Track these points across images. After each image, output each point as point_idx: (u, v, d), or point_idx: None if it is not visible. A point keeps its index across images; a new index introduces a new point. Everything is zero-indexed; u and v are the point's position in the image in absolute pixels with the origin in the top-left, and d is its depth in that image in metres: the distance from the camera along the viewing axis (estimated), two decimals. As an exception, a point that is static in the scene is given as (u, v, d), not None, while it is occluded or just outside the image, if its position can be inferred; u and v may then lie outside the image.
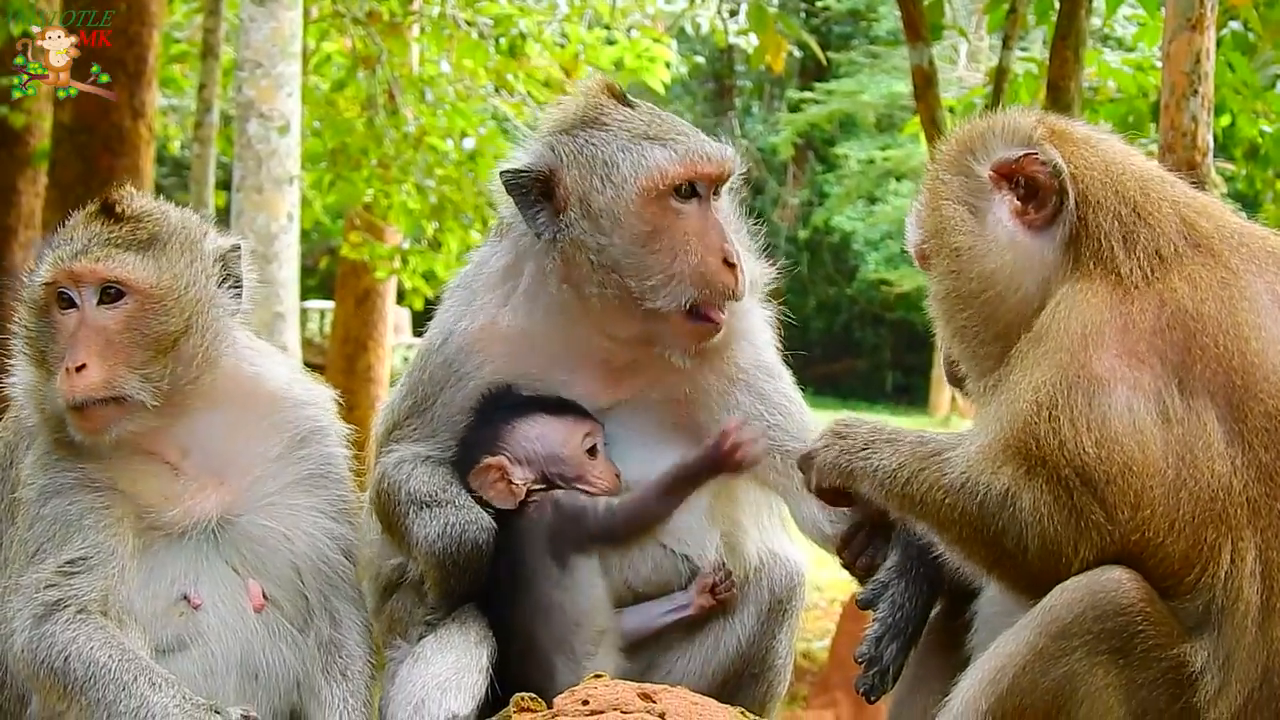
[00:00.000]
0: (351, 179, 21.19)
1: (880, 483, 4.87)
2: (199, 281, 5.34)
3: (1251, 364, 4.55)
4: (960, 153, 5.08)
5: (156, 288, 5.26)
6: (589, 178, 5.47)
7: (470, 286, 5.78)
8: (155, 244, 5.33)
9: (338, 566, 5.58)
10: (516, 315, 5.66)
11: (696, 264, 5.43)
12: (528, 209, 5.53)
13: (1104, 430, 4.47)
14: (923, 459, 4.77)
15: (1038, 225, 4.88)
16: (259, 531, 5.47)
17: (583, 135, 5.55)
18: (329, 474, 5.62)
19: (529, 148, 5.65)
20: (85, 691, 5.00)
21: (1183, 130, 8.46)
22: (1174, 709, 4.45)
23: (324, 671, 5.47)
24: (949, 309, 5.03)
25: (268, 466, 5.50)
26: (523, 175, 5.53)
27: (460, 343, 5.69)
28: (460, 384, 5.67)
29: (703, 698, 4.80)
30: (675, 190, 5.47)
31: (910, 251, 5.35)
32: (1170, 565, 4.47)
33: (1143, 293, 4.67)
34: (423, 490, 5.55)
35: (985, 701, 4.51)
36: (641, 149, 5.48)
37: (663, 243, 5.44)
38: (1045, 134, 4.96)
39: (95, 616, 5.13)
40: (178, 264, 5.32)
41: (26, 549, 5.28)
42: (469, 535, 5.45)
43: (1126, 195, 4.85)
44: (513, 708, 4.80)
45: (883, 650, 5.12)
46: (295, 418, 5.57)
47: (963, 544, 4.67)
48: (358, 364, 24.80)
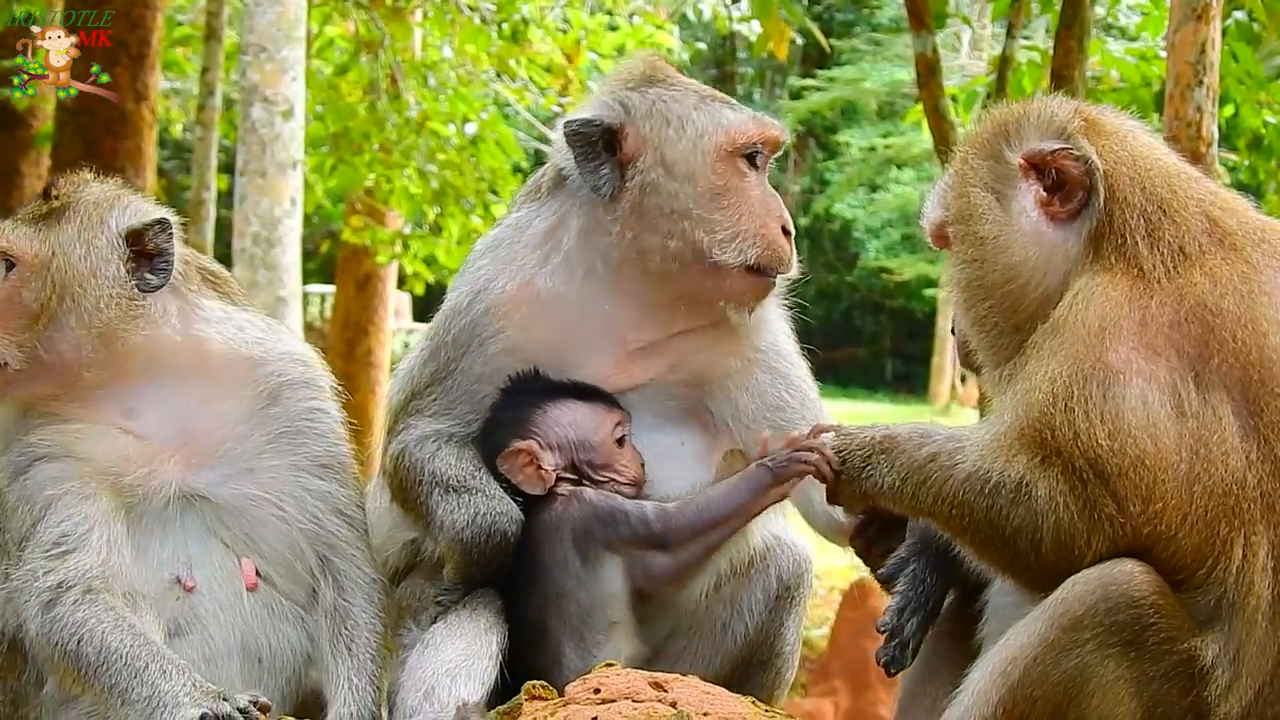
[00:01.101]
0: (353, 163, 21.18)
1: (889, 497, 4.88)
2: (83, 253, 5.39)
3: (1269, 359, 4.55)
4: (993, 136, 5.05)
5: (35, 259, 5.36)
6: (663, 129, 5.56)
7: (510, 245, 5.77)
8: (51, 218, 5.45)
9: (331, 526, 5.56)
10: (554, 279, 5.67)
11: (760, 226, 5.54)
12: (589, 161, 5.56)
13: (1118, 423, 4.46)
14: (924, 463, 4.76)
15: (1061, 218, 4.87)
16: (243, 501, 5.48)
17: (652, 91, 5.65)
18: (305, 429, 5.60)
19: (592, 103, 5.70)
20: (99, 676, 5.01)
21: (1187, 120, 8.47)
22: (1185, 702, 4.44)
23: (330, 644, 5.46)
24: (970, 298, 5.02)
25: (234, 428, 5.51)
26: (592, 126, 5.57)
27: (490, 302, 5.68)
28: (481, 348, 5.66)
29: (714, 687, 4.80)
30: (743, 152, 5.58)
31: (925, 229, 5.32)
32: (1183, 559, 4.46)
33: (1164, 287, 4.65)
34: (450, 474, 5.56)
35: (996, 693, 4.51)
36: (714, 108, 5.63)
37: (731, 200, 5.54)
38: (1080, 127, 4.94)
39: (103, 596, 5.14)
40: (63, 237, 5.41)
41: (14, 537, 5.33)
42: (499, 526, 5.46)
43: (1154, 193, 4.84)
44: (524, 695, 4.81)
45: (904, 622, 5.11)
46: (257, 376, 5.57)
47: (975, 537, 4.66)
48: (358, 348, 24.78)
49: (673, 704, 4.62)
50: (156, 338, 5.44)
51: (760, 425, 5.68)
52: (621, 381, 5.72)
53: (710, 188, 5.53)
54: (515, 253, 5.74)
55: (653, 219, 5.52)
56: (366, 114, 21.31)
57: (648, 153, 5.54)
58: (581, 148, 5.57)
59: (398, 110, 21.19)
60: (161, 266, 5.48)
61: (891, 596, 5.17)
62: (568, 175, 5.68)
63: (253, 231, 16.03)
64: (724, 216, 5.52)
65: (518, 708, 4.77)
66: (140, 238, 5.46)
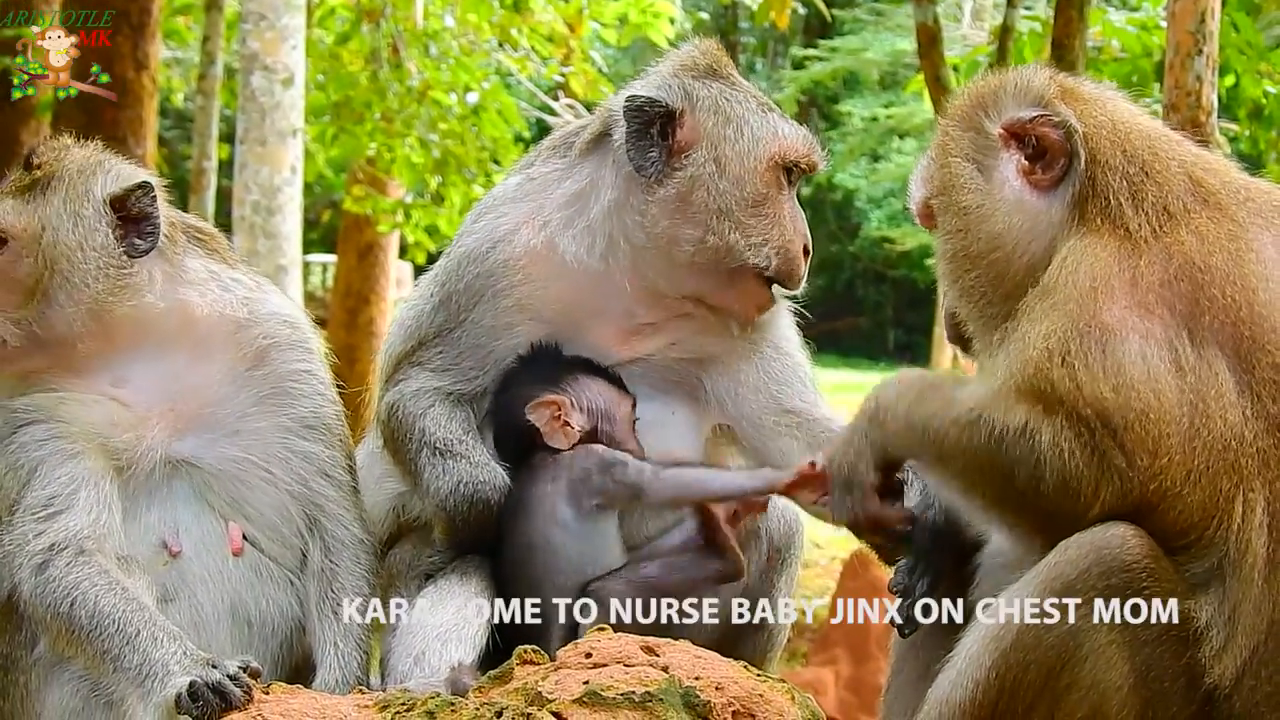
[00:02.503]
0: (355, 132, 21.12)
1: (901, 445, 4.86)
2: (71, 224, 5.37)
3: (1260, 315, 4.57)
4: (972, 108, 5.09)
5: (24, 232, 5.34)
6: (723, 127, 5.62)
7: (537, 199, 5.79)
8: (36, 189, 5.42)
9: (318, 487, 5.56)
10: (577, 244, 5.68)
11: (787, 239, 5.64)
12: (642, 140, 5.58)
13: (1120, 377, 4.47)
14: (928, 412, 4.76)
15: (1044, 186, 4.90)
16: (229, 464, 5.47)
17: (715, 86, 5.70)
18: (290, 390, 5.59)
19: (655, 82, 5.72)
20: (91, 640, 5.03)
21: (1187, 90, 8.48)
22: (1178, 665, 4.46)
23: (317, 607, 5.47)
24: (956, 268, 5.04)
25: (219, 391, 5.50)
26: (656, 106, 5.59)
27: (510, 254, 5.71)
28: (494, 300, 5.69)
29: (706, 651, 4.81)
30: (786, 167, 5.67)
31: (912, 208, 5.36)
32: (1191, 516, 4.47)
33: (1151, 246, 4.68)
34: (438, 435, 5.59)
35: (989, 657, 4.52)
36: (770, 119, 5.71)
37: (769, 210, 5.63)
38: (1057, 93, 4.97)
39: (96, 557, 5.15)
40: (49, 207, 5.38)
41: (4, 502, 5.33)
42: (481, 494, 5.50)
43: (1134, 154, 4.86)
44: (515, 660, 4.81)
45: (915, 581, 5.14)
46: (242, 339, 5.55)
47: (972, 484, 4.67)
48: (359, 318, 24.76)
49: (664, 668, 4.63)
50: (143, 305, 5.41)
51: (754, 404, 5.78)
52: (624, 353, 5.76)
53: (755, 194, 5.61)
54: (541, 208, 5.76)
55: (695, 212, 5.58)
56: (368, 83, 21.25)
57: (703, 147, 5.60)
58: (638, 125, 5.59)
59: (399, 79, 21.14)
60: (149, 231, 5.46)
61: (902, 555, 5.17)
62: (613, 145, 5.68)
63: (252, 200, 16.01)
64: (759, 223, 5.60)
65: (509, 672, 4.77)
66: (124, 203, 5.44)
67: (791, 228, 5.66)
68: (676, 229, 5.58)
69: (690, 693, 4.56)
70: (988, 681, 4.52)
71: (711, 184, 5.56)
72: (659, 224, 5.58)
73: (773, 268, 5.64)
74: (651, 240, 5.61)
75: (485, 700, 4.67)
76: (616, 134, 5.65)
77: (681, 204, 5.57)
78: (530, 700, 4.58)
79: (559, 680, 4.61)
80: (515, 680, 4.73)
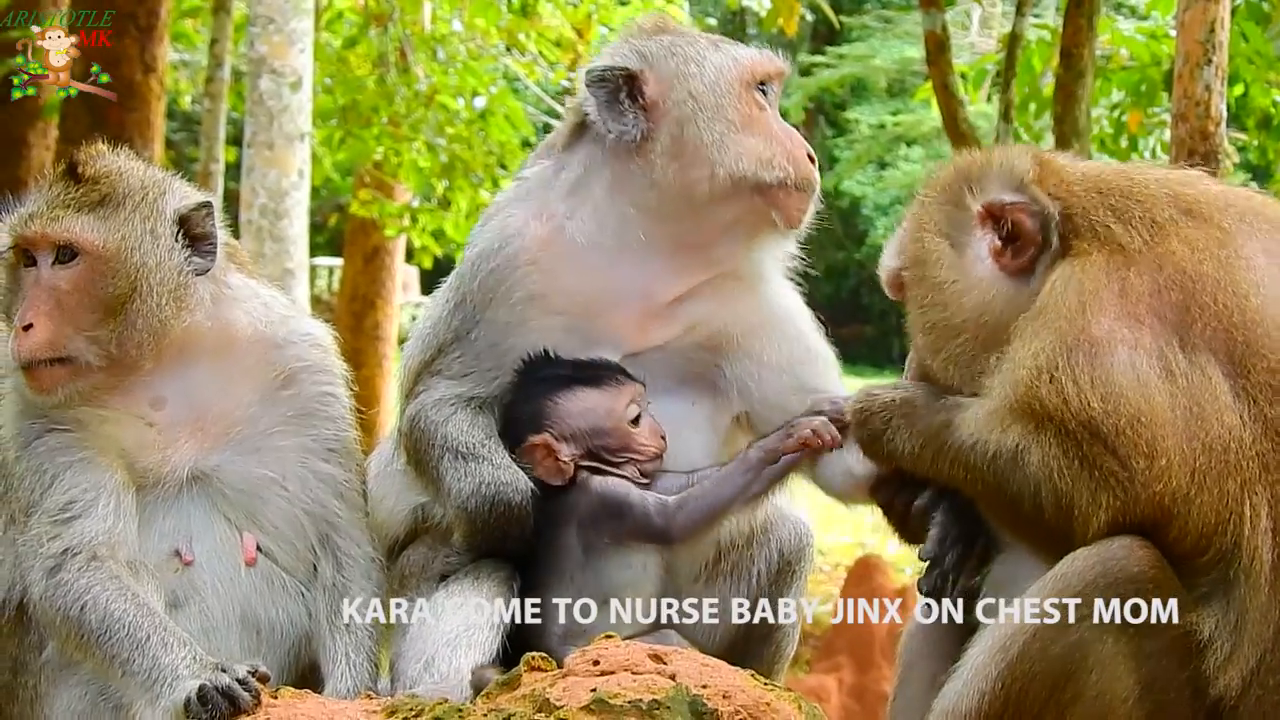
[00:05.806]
0: (362, 136, 21.17)
1: (908, 461, 4.95)
2: (150, 243, 5.32)
3: (1253, 320, 4.61)
4: (957, 181, 5.17)
5: (105, 249, 5.26)
6: (684, 67, 5.63)
7: (541, 195, 5.79)
8: (108, 204, 5.33)
9: (333, 506, 5.57)
10: (585, 228, 5.68)
11: (789, 148, 5.63)
12: (613, 108, 5.60)
13: (1108, 386, 4.51)
14: (939, 429, 4.80)
15: (1010, 270, 4.99)
16: (248, 480, 5.46)
17: (665, 38, 5.73)
18: (316, 412, 5.59)
19: (607, 54, 5.77)
20: (101, 644, 5.04)
21: (1196, 99, 8.48)
22: (1183, 676, 4.48)
23: (329, 620, 5.47)
24: (938, 340, 5.10)
25: (248, 410, 5.49)
26: (614, 70, 5.61)
27: (519, 246, 5.70)
28: (508, 295, 5.66)
29: (714, 660, 4.81)
30: (758, 84, 5.68)
31: (883, 278, 5.44)
32: (1202, 521, 4.49)
33: (1142, 257, 4.74)
34: (460, 439, 5.57)
35: (995, 667, 4.54)
36: (723, 47, 5.74)
37: (757, 128, 5.62)
38: (1035, 175, 5.04)
39: (108, 563, 5.15)
40: (128, 225, 5.31)
41: (22, 504, 5.31)
42: (503, 496, 5.47)
43: (1112, 186, 4.96)
44: (523, 666, 4.82)
45: (945, 551, 5.12)
46: (276, 359, 5.54)
47: (987, 503, 4.75)
48: (365, 322, 24.76)
49: (672, 676, 4.63)
50: (194, 324, 5.39)
51: (777, 385, 5.74)
52: (640, 342, 5.72)
53: (740, 117, 5.60)
54: (547, 202, 5.76)
55: (692, 151, 5.56)
56: (375, 87, 21.30)
57: (673, 93, 5.60)
58: (605, 95, 5.61)
59: (407, 83, 21.17)
60: (207, 250, 5.44)
61: (931, 527, 5.17)
62: (591, 124, 5.69)
63: (260, 203, 16.03)
64: (756, 142, 5.59)
65: (517, 678, 4.78)
66: (188, 222, 5.42)
67: (787, 138, 5.65)
68: (684, 173, 5.57)
69: (697, 701, 4.56)
70: (994, 692, 4.54)
71: (697, 118, 5.56)
72: (666, 174, 5.58)
73: (791, 177, 5.60)
74: (664, 196, 5.60)
75: (493, 707, 4.68)
76: (591, 113, 5.66)
77: (677, 148, 5.57)
78: (538, 707, 4.59)
79: (566, 687, 4.61)
80: (523, 687, 4.73)
